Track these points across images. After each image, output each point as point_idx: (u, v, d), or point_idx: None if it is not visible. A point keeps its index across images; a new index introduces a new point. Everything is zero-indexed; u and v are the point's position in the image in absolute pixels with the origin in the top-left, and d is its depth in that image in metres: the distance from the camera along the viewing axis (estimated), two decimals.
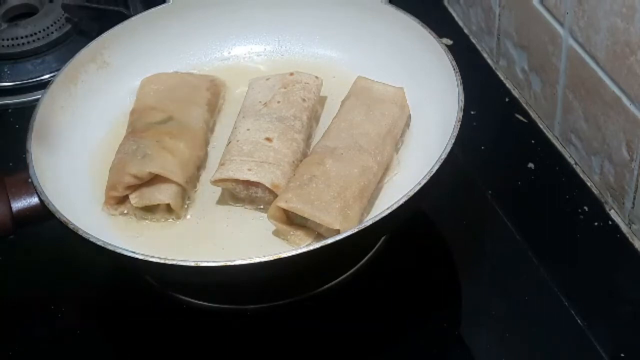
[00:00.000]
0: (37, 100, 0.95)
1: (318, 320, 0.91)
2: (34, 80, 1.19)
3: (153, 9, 1.06)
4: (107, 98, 1.02)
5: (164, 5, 1.06)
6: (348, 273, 0.93)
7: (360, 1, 1.04)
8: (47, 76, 1.18)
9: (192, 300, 0.93)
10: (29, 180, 0.87)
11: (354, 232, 0.80)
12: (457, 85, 0.92)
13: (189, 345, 0.90)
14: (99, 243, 0.81)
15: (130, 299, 0.93)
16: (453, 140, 0.86)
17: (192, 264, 0.79)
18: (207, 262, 0.79)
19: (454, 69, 0.93)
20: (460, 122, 0.87)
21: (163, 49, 1.06)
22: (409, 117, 0.96)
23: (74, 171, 0.94)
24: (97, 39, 1.03)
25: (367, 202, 0.88)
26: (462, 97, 0.91)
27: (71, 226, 0.82)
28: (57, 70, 1.02)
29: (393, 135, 0.93)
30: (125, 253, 0.80)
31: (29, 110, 0.95)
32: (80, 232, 0.82)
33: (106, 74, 1.03)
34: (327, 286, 0.93)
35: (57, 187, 0.88)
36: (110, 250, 0.81)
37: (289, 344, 0.90)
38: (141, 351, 0.92)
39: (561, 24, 0.98)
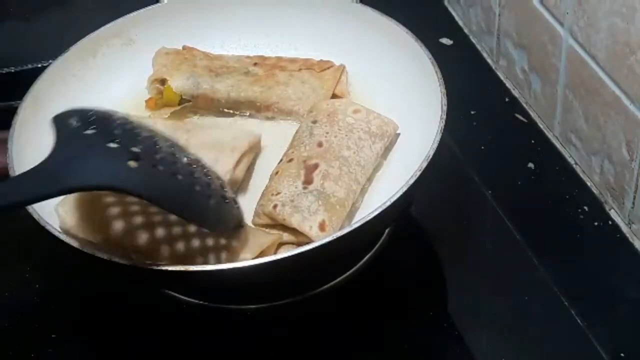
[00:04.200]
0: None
1: (318, 320, 0.91)
2: None
3: None
4: (125, 74, 1.03)
5: None
6: (348, 273, 0.93)
7: (335, 2, 1.04)
8: None
9: (192, 300, 0.93)
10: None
11: (350, 229, 0.80)
12: (438, 78, 0.92)
13: (189, 345, 0.90)
14: (54, 233, 0.83)
15: (130, 298, 0.93)
16: (434, 149, 0.85)
17: (182, 268, 0.78)
18: (197, 266, 0.79)
19: (433, 65, 0.94)
20: (441, 133, 0.87)
21: (190, 37, 1.07)
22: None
23: None
24: (126, 16, 1.04)
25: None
26: (444, 102, 0.90)
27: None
28: None
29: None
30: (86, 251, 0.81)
31: None
32: (31, 212, 0.83)
33: (129, 51, 1.04)
34: (327, 286, 0.93)
35: (34, 156, 0.90)
36: (67, 244, 0.82)
37: (289, 344, 0.90)
38: (141, 351, 0.91)
39: (561, 24, 0.98)
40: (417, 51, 0.96)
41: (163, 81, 1.02)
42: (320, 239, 0.80)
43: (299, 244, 0.85)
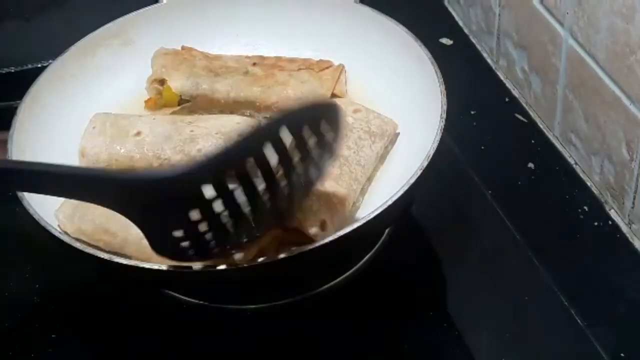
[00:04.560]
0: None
1: (318, 320, 0.91)
2: None
3: None
4: (124, 75, 1.03)
5: None
6: (348, 273, 0.93)
7: (334, 2, 1.04)
8: None
9: (192, 300, 0.93)
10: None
11: (352, 229, 0.80)
12: (437, 78, 0.92)
13: (189, 345, 0.90)
14: (55, 233, 0.83)
15: (130, 298, 0.93)
16: (435, 148, 0.85)
17: (182, 268, 0.78)
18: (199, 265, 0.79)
19: (433, 65, 0.94)
20: (441, 131, 0.87)
21: (189, 37, 1.06)
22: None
23: (62, 145, 0.96)
24: (124, 16, 1.04)
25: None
26: (444, 101, 0.90)
27: (25, 203, 0.84)
28: None
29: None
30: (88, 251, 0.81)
31: None
32: (31, 212, 0.83)
33: (128, 51, 1.04)
34: (327, 286, 0.93)
35: (34, 157, 0.90)
36: (72, 247, 0.82)
37: (289, 344, 0.90)
38: (141, 351, 0.92)
39: (561, 24, 0.98)
40: (416, 51, 0.96)
41: (162, 81, 1.02)
42: (321, 239, 0.80)
43: (299, 244, 0.85)
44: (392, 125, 0.95)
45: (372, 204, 0.87)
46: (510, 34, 1.10)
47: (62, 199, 0.89)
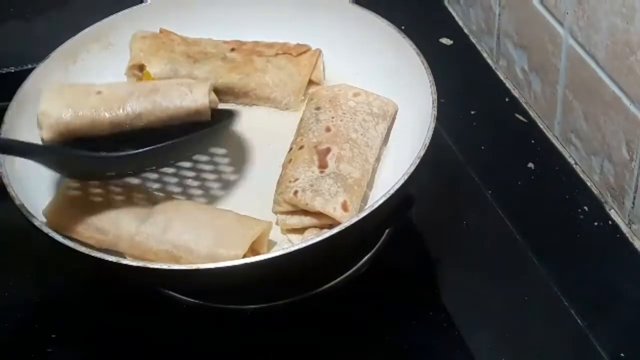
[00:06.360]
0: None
1: (318, 320, 0.91)
2: None
3: None
4: (105, 78, 1.02)
5: None
6: (348, 273, 0.93)
7: (328, 2, 1.04)
8: None
9: (192, 300, 0.93)
10: None
11: (354, 221, 0.80)
12: (428, 78, 0.93)
13: (189, 345, 0.91)
14: (51, 233, 0.83)
15: (129, 298, 0.93)
16: (428, 142, 0.86)
17: (194, 267, 0.79)
18: (204, 265, 0.79)
19: (419, 56, 0.95)
20: (435, 120, 0.88)
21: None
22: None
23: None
24: (105, 19, 1.04)
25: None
26: (434, 90, 0.91)
27: (23, 208, 0.85)
28: None
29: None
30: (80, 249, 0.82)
31: None
32: (25, 213, 0.84)
33: (109, 54, 1.04)
34: (327, 286, 0.93)
35: (24, 162, 0.89)
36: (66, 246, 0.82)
37: (289, 344, 0.90)
38: (140, 351, 0.92)
39: (561, 24, 0.98)
40: (402, 44, 0.96)
41: (141, 67, 1.02)
42: (345, 219, 0.81)
43: (321, 227, 0.87)
44: (392, 105, 0.97)
45: (380, 186, 0.90)
46: (510, 34, 1.11)
47: (49, 198, 0.90)
